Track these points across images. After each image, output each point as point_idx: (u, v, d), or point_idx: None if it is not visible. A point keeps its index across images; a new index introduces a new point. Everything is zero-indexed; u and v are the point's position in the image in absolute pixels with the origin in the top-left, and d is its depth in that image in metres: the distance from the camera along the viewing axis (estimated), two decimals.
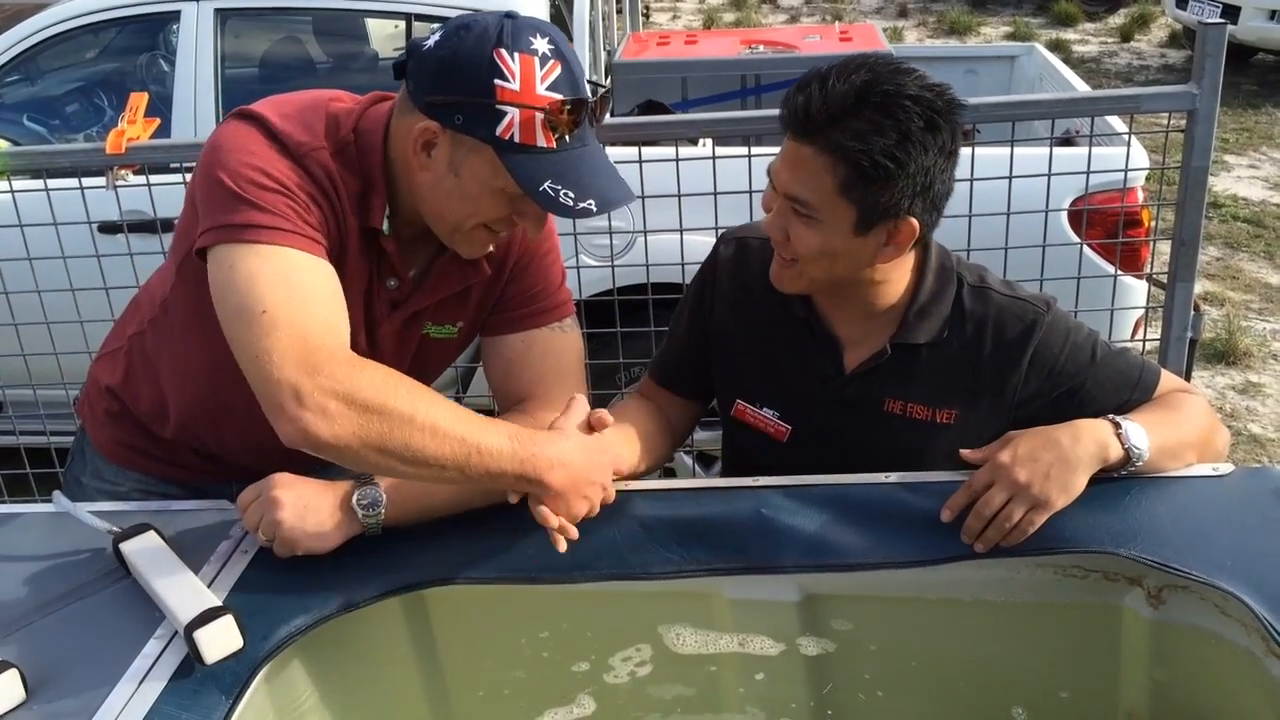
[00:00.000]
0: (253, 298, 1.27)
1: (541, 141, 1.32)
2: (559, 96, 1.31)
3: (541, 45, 1.32)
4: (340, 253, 1.42)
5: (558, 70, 1.32)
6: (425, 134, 1.36)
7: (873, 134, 1.35)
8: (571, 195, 1.33)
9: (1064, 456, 1.36)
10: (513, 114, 1.30)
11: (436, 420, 1.26)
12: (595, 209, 1.34)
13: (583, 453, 1.36)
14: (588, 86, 1.36)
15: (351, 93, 1.50)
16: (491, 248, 1.50)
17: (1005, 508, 1.34)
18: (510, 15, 1.33)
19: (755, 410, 1.64)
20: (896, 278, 1.52)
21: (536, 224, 1.44)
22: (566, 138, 1.33)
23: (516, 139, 1.32)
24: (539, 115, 1.30)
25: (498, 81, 1.30)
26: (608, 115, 1.38)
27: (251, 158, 1.34)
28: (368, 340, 1.52)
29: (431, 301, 1.55)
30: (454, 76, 1.32)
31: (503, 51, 1.30)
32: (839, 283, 1.50)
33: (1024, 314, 1.53)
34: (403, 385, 1.28)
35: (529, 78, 1.30)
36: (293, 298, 1.28)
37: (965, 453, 1.44)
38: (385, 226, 1.43)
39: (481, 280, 1.57)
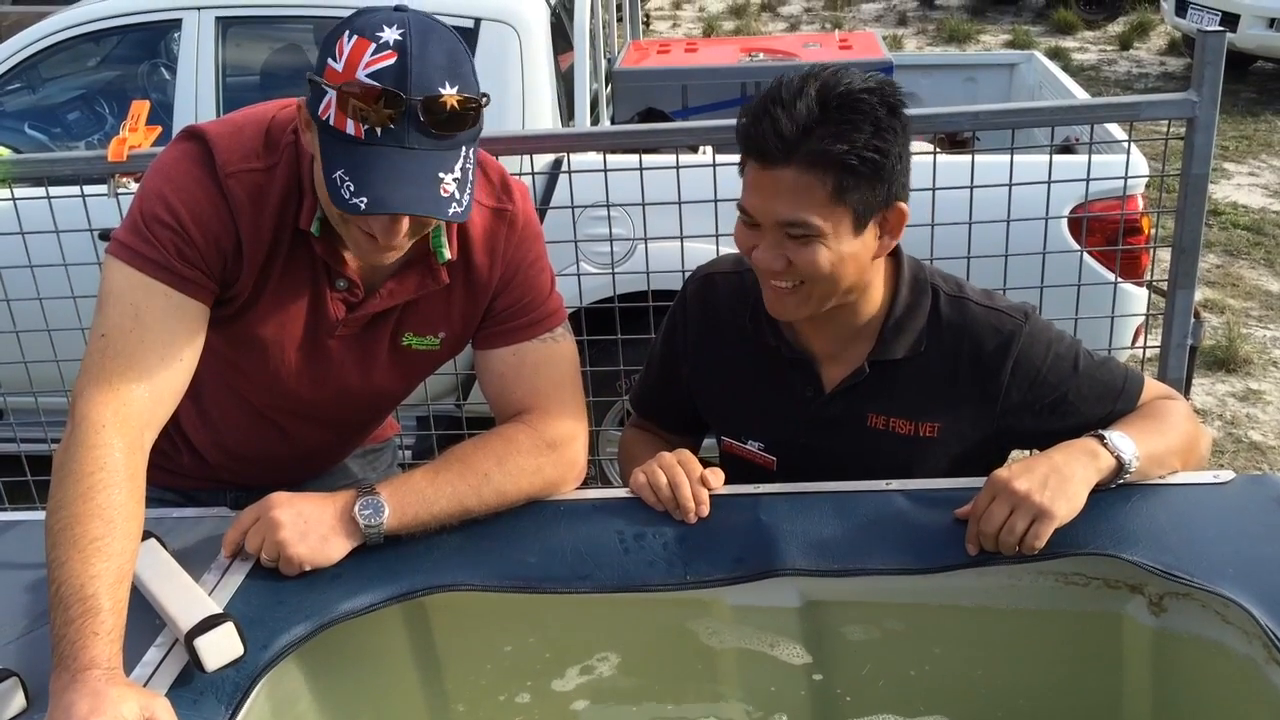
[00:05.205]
0: (103, 315, 1.36)
1: (351, 130, 1.25)
2: (369, 83, 1.23)
3: (389, 35, 1.25)
4: (268, 263, 1.43)
5: (389, 60, 1.24)
6: (302, 113, 1.34)
7: (850, 132, 1.35)
8: (351, 188, 1.25)
9: (1058, 468, 1.35)
10: (330, 95, 1.26)
11: (60, 538, 1.20)
12: (362, 208, 1.25)
13: None
14: (446, 89, 1.25)
15: None
16: (393, 257, 1.38)
17: (1008, 520, 1.32)
18: (399, 8, 1.29)
19: (741, 445, 1.64)
20: (877, 283, 1.51)
21: (383, 232, 1.32)
22: (377, 131, 1.25)
23: (331, 122, 1.27)
24: (348, 99, 1.24)
25: (329, 61, 1.27)
26: (475, 133, 1.31)
27: (168, 186, 1.38)
28: (314, 344, 1.51)
29: (390, 305, 1.50)
30: (317, 57, 1.31)
31: (346, 33, 1.26)
32: (843, 294, 1.46)
33: (1002, 325, 1.51)
34: (96, 496, 1.23)
35: (354, 61, 1.24)
36: (132, 334, 1.34)
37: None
38: (315, 227, 1.42)
39: (458, 291, 1.52)
